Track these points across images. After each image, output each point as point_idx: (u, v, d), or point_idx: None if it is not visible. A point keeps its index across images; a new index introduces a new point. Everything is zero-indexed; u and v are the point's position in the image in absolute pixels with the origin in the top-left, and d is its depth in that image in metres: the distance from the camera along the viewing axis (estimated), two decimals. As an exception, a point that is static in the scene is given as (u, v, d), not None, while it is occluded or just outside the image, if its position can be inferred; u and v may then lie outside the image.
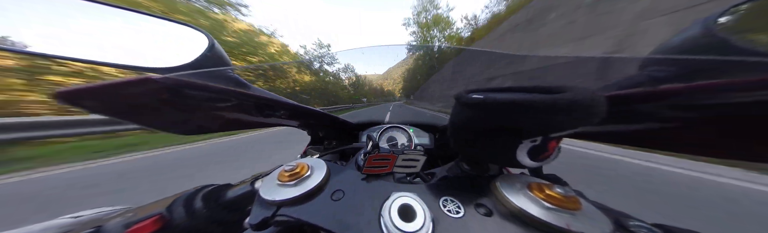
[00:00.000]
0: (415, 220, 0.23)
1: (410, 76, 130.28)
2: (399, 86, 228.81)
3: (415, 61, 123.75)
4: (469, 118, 0.26)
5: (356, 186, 0.30)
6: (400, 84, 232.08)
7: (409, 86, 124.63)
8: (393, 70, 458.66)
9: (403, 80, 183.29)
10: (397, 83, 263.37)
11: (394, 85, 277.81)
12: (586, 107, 0.19)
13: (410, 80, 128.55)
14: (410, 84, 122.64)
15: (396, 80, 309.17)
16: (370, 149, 0.37)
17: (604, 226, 0.23)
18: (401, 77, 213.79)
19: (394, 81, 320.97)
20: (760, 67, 0.19)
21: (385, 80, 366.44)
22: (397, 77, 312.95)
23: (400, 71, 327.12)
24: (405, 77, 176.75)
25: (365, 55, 1.03)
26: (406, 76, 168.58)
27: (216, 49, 0.48)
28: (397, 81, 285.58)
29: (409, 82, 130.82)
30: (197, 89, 0.30)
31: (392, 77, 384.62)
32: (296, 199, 0.28)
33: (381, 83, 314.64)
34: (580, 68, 0.58)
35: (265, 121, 0.55)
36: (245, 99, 0.39)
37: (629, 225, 0.26)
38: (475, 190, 0.30)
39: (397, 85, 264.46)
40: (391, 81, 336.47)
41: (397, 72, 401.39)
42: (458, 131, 0.29)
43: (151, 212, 0.32)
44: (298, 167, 0.31)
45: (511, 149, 0.24)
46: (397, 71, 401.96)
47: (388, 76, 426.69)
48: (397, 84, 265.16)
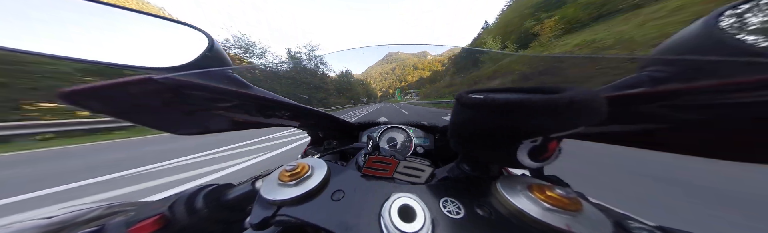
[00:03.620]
0: (415, 221, 0.23)
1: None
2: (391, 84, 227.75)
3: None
4: (470, 118, 0.26)
5: (356, 186, 0.30)
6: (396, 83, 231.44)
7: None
8: (375, 68, 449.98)
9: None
10: (395, 81, 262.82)
11: (389, 83, 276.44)
12: (586, 108, 0.19)
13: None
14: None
15: (397, 79, 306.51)
16: (370, 149, 0.37)
17: (605, 228, 0.23)
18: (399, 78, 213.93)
19: (396, 79, 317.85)
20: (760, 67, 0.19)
21: (385, 80, 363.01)
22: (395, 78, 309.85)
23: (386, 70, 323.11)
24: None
25: (360, 56, 1.04)
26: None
27: (216, 49, 0.48)
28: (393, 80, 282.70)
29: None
30: (198, 89, 0.30)
31: (394, 77, 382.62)
32: (297, 199, 0.28)
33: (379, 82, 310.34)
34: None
35: (266, 121, 0.55)
36: (245, 99, 0.39)
37: (631, 226, 0.26)
38: (475, 191, 0.30)
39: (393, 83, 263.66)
40: (388, 82, 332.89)
41: (377, 71, 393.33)
42: (458, 132, 0.29)
43: (153, 211, 0.32)
44: (298, 167, 0.31)
45: (512, 149, 0.24)
46: (381, 69, 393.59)
47: (389, 77, 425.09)
48: (394, 82, 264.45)
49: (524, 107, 0.19)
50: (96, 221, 0.32)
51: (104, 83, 0.23)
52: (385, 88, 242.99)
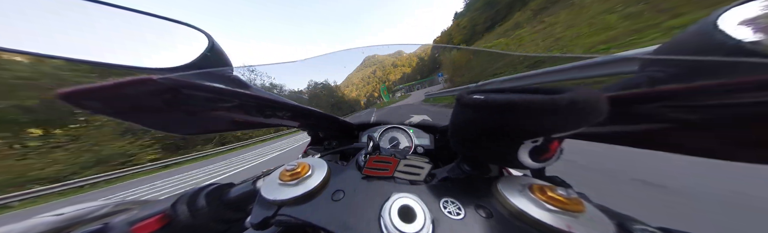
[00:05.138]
0: (415, 221, 0.23)
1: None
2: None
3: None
4: (470, 119, 0.26)
5: (357, 187, 0.30)
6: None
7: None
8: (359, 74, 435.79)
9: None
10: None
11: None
12: (588, 108, 0.19)
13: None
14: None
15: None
16: (371, 149, 0.37)
17: (607, 229, 0.23)
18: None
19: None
20: (760, 67, 0.19)
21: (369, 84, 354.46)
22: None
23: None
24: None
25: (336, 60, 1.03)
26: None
27: (216, 50, 0.48)
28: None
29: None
30: (198, 89, 0.30)
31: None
32: (297, 199, 0.28)
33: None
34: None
35: (266, 121, 0.55)
36: (246, 99, 0.39)
37: (633, 228, 0.25)
38: (475, 191, 0.29)
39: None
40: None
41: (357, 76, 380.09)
42: (459, 132, 0.29)
43: (156, 210, 0.32)
44: (299, 167, 0.31)
45: (513, 149, 0.24)
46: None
47: (371, 81, 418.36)
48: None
49: (526, 108, 0.19)
50: (103, 219, 0.32)
51: (104, 84, 0.23)
52: (370, 92, 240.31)
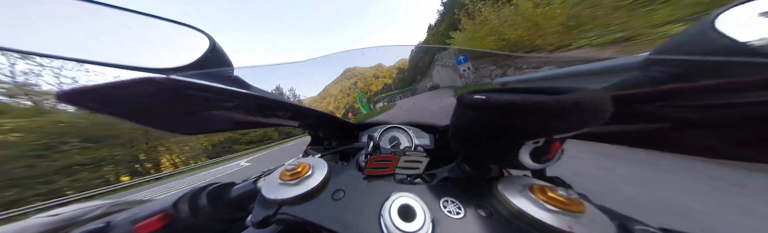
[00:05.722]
0: (415, 220, 0.23)
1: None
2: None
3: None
4: (471, 119, 0.26)
5: (357, 186, 0.30)
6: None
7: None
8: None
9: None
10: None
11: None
12: (593, 108, 0.19)
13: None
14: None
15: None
16: (371, 149, 0.37)
17: (608, 229, 0.23)
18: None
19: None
20: (760, 67, 0.19)
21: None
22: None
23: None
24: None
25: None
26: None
27: (217, 50, 0.48)
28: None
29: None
30: (199, 89, 0.30)
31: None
32: (297, 198, 0.28)
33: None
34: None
35: (266, 121, 0.55)
36: (246, 99, 0.39)
37: (634, 229, 0.25)
38: (476, 191, 0.30)
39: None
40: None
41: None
42: (460, 132, 0.29)
43: (157, 209, 0.32)
44: (299, 167, 0.31)
45: (513, 150, 0.24)
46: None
47: (352, 92, 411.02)
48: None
49: (529, 108, 0.19)
50: (100, 218, 0.32)
51: (105, 84, 0.23)
52: (350, 103, 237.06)
